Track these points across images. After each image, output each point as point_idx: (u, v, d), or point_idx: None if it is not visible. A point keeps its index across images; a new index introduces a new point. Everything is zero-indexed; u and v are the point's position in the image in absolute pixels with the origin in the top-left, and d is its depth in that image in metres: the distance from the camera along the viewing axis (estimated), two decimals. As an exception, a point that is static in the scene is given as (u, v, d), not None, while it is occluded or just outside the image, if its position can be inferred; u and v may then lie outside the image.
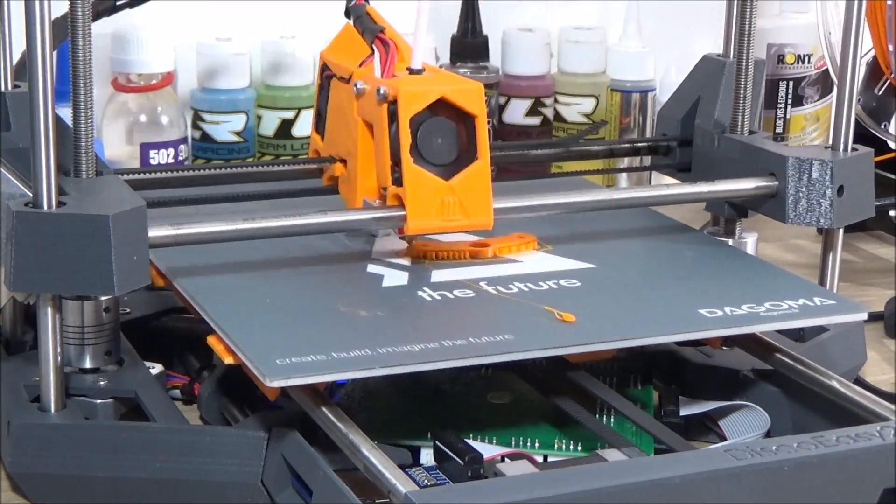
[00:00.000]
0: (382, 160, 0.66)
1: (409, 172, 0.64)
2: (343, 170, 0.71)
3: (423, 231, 0.66)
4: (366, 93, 0.67)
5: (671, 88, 0.82)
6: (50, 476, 0.59)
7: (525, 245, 0.70)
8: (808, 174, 0.70)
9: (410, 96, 0.64)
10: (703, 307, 0.62)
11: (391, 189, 0.65)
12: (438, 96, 0.65)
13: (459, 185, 0.65)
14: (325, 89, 0.73)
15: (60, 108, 0.60)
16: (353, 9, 0.70)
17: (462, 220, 0.66)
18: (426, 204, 0.65)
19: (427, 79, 0.66)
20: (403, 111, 0.64)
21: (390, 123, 0.65)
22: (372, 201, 0.68)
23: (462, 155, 0.66)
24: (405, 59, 0.68)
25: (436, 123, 0.65)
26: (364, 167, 0.68)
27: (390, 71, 0.67)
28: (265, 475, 0.58)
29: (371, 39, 0.68)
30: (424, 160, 0.65)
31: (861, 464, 0.54)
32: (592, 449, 0.60)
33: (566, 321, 0.61)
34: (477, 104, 0.65)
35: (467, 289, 0.65)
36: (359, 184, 0.69)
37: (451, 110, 0.65)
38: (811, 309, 0.63)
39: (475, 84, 0.66)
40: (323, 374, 0.55)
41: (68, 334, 0.64)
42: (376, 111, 0.66)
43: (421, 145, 0.65)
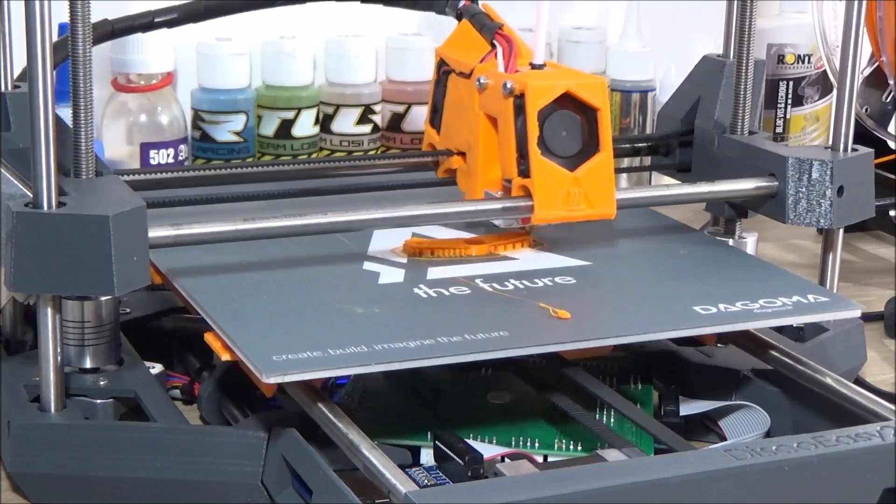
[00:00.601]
0: (507, 152, 0.67)
1: (536, 164, 0.66)
2: (461, 162, 0.72)
3: (550, 220, 0.67)
4: (489, 87, 0.68)
5: (671, 88, 0.82)
6: (50, 476, 0.59)
7: (521, 242, 0.70)
8: (808, 174, 0.70)
9: (538, 90, 0.66)
10: (697, 304, 0.63)
11: (517, 180, 0.67)
12: (564, 90, 0.66)
13: (584, 177, 0.67)
14: (441, 84, 0.74)
15: (60, 108, 0.60)
16: (467, 8, 0.72)
17: (587, 210, 0.67)
18: (553, 194, 0.66)
19: (551, 73, 0.68)
20: (531, 105, 0.66)
21: (516, 116, 0.66)
22: (494, 192, 0.69)
23: (585, 147, 0.67)
24: (523, 54, 0.69)
25: (561, 116, 0.67)
26: (486, 159, 0.70)
27: (513, 66, 0.68)
28: (265, 475, 0.58)
29: (491, 36, 0.70)
30: (550, 152, 0.66)
31: (861, 464, 0.54)
32: (592, 449, 0.60)
33: (561, 318, 0.61)
34: (600, 97, 0.67)
35: (463, 286, 0.65)
36: (480, 175, 0.70)
37: (575, 104, 0.67)
38: (805, 306, 0.63)
39: (598, 78, 0.68)
40: (319, 371, 0.55)
41: (68, 334, 0.64)
42: (502, 105, 0.67)
43: (547, 137, 0.66)
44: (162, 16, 0.79)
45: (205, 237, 0.62)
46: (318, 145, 1.00)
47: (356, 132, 1.00)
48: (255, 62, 0.99)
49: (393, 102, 1.02)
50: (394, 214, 0.65)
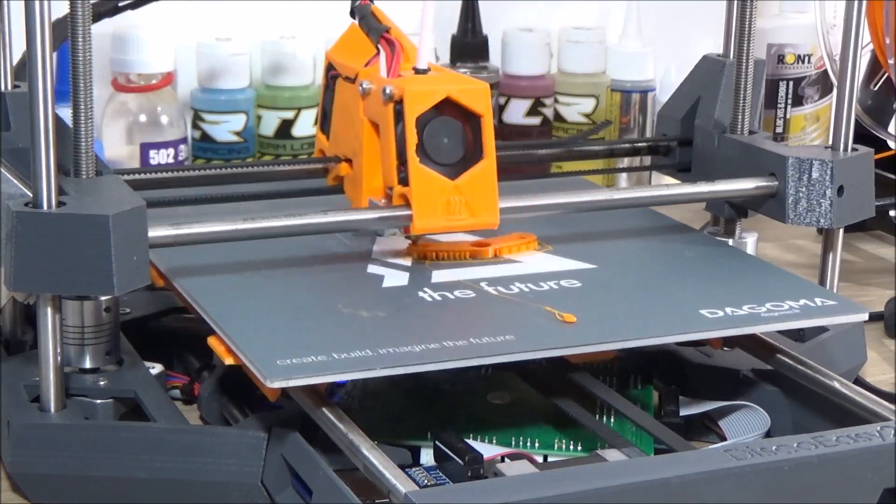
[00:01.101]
0: (388, 160, 0.66)
1: (415, 172, 0.65)
2: (348, 169, 0.71)
3: (428, 231, 0.66)
4: (371, 92, 0.67)
5: (671, 88, 0.82)
6: (50, 476, 0.59)
7: (525, 245, 0.70)
8: (808, 174, 0.70)
9: (416, 96, 0.65)
10: (703, 308, 0.62)
11: (397, 189, 0.66)
12: (444, 96, 0.65)
13: (465, 185, 0.65)
14: (330, 89, 0.73)
15: (60, 108, 0.60)
16: (359, 9, 0.70)
17: (468, 220, 0.66)
18: (432, 203, 0.65)
19: (433, 78, 0.67)
20: (409, 111, 0.64)
21: (396, 123, 0.65)
22: (378, 201, 0.68)
23: (468, 154, 0.66)
24: (410, 58, 0.68)
25: (442, 123, 0.65)
26: (370, 167, 0.69)
27: (396, 71, 0.67)
28: (265, 475, 0.58)
29: (377, 39, 0.68)
30: (430, 160, 0.65)
31: (861, 464, 0.54)
32: (592, 449, 0.60)
33: (567, 322, 0.61)
34: (483, 104, 0.66)
35: (468, 289, 0.65)
36: (364, 183, 0.69)
37: (457, 110, 0.66)
38: (812, 309, 0.63)
39: (481, 84, 0.66)
40: (323, 375, 0.55)
41: (68, 334, 0.64)
42: (382, 111, 0.66)
43: (427, 145, 0.65)
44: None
45: (205, 237, 0.62)
46: (318, 145, 1.00)
47: (356, 132, 1.00)
48: (255, 62, 0.99)
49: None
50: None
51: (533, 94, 1.04)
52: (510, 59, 1.04)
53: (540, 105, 1.04)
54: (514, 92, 1.04)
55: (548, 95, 1.05)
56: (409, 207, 0.65)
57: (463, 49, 1.03)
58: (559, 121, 1.05)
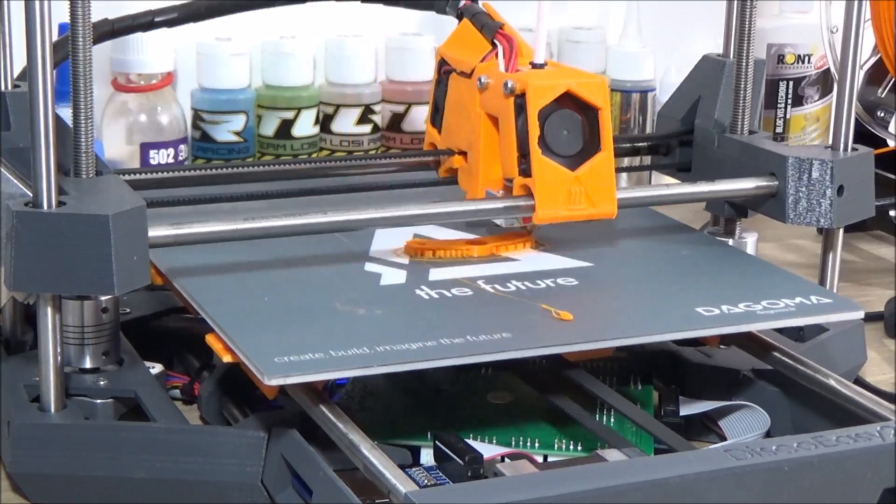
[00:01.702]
0: (509, 152, 0.67)
1: (537, 163, 0.66)
2: (462, 162, 0.72)
3: (551, 220, 0.67)
4: (490, 86, 0.68)
5: (671, 88, 0.82)
6: (50, 476, 0.59)
7: (523, 243, 0.70)
8: (808, 174, 0.70)
9: (539, 90, 0.66)
10: (700, 306, 0.62)
11: (518, 180, 0.67)
12: (565, 89, 0.66)
13: (585, 176, 0.67)
14: (442, 84, 0.74)
15: (60, 108, 0.60)
16: (468, 8, 0.72)
17: (588, 210, 0.67)
18: (554, 193, 0.66)
19: (552, 73, 0.68)
20: (532, 104, 0.66)
21: (517, 116, 0.66)
22: (495, 192, 0.69)
23: (587, 146, 0.67)
24: (524, 54, 0.69)
25: (562, 116, 0.67)
26: (487, 159, 0.70)
27: (514, 65, 0.68)
28: (265, 475, 0.58)
29: (492, 35, 0.70)
30: (551, 151, 0.66)
31: (861, 464, 0.54)
32: (592, 449, 0.60)
33: (564, 319, 0.61)
34: (601, 97, 0.67)
35: (465, 287, 0.65)
36: (482, 175, 0.70)
37: (576, 103, 0.67)
38: (808, 307, 0.63)
39: (599, 77, 0.68)
40: (321, 373, 0.55)
41: (68, 334, 0.64)
42: (503, 104, 0.67)
43: (548, 137, 0.66)
44: (162, 15, 0.79)
45: (205, 237, 0.62)
46: (318, 145, 1.00)
47: (356, 132, 1.00)
48: (255, 62, 0.99)
49: (393, 102, 1.02)
50: (395, 214, 0.65)
51: (533, 94, 1.04)
52: (510, 59, 1.04)
53: (540, 105, 1.04)
54: (514, 92, 1.04)
55: (548, 95, 1.05)
56: (531, 198, 0.66)
57: (463, 49, 1.03)
58: (559, 121, 1.05)
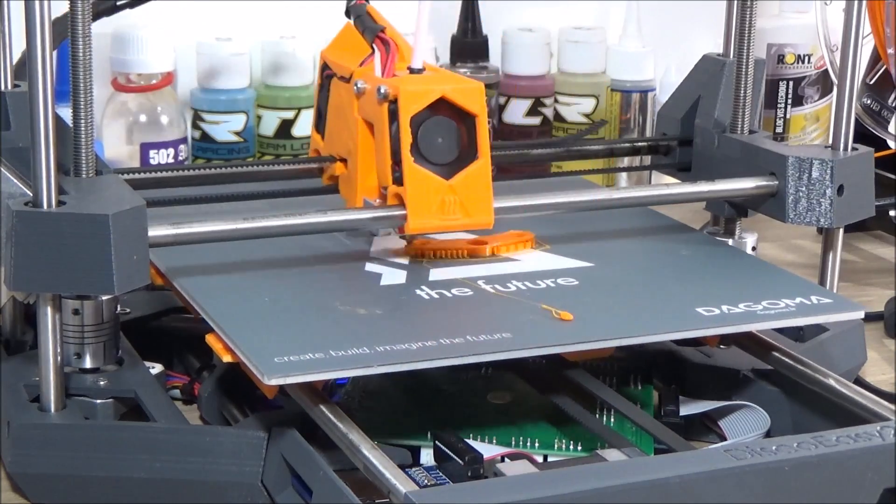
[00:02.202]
0: (383, 159, 0.66)
1: (409, 171, 0.65)
2: (343, 169, 0.71)
3: (423, 230, 0.66)
4: (366, 92, 0.67)
5: (671, 88, 0.82)
6: (50, 476, 0.59)
7: (523, 244, 0.70)
8: (808, 174, 0.70)
9: (411, 95, 0.65)
10: (700, 305, 0.62)
11: (391, 188, 0.66)
12: (439, 95, 0.65)
13: (460, 185, 0.65)
14: (325, 88, 0.73)
15: (60, 108, 0.60)
16: (354, 8, 0.70)
17: (462, 220, 0.66)
18: (426, 203, 0.65)
19: (427, 78, 0.67)
20: (404, 110, 0.64)
21: (391, 122, 0.65)
22: (372, 200, 0.68)
23: (463, 154, 0.66)
24: (406, 58, 0.68)
25: (436, 122, 0.65)
26: (364, 166, 0.69)
27: (391, 70, 0.67)
28: (265, 475, 0.58)
29: (371, 39, 0.68)
30: (425, 159, 0.65)
31: (861, 464, 0.54)
32: (592, 449, 0.60)
33: (564, 319, 0.61)
34: (477, 103, 0.66)
35: (465, 287, 0.65)
36: (359, 183, 0.69)
37: (452, 109, 0.65)
38: (808, 307, 0.63)
39: (475, 83, 0.66)
40: (321, 372, 0.55)
41: (68, 334, 0.64)
42: (377, 110, 0.66)
43: (421, 144, 0.65)
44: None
45: (205, 236, 0.62)
46: (318, 145, 1.00)
47: (356, 132, 1.00)
48: (255, 62, 0.99)
49: (393, 102, 1.02)
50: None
51: (533, 94, 1.04)
52: (510, 59, 1.04)
53: (540, 105, 1.04)
54: (514, 92, 1.04)
55: (548, 95, 1.05)
56: (403, 207, 0.65)
57: (463, 49, 1.03)
58: (559, 121, 1.05)
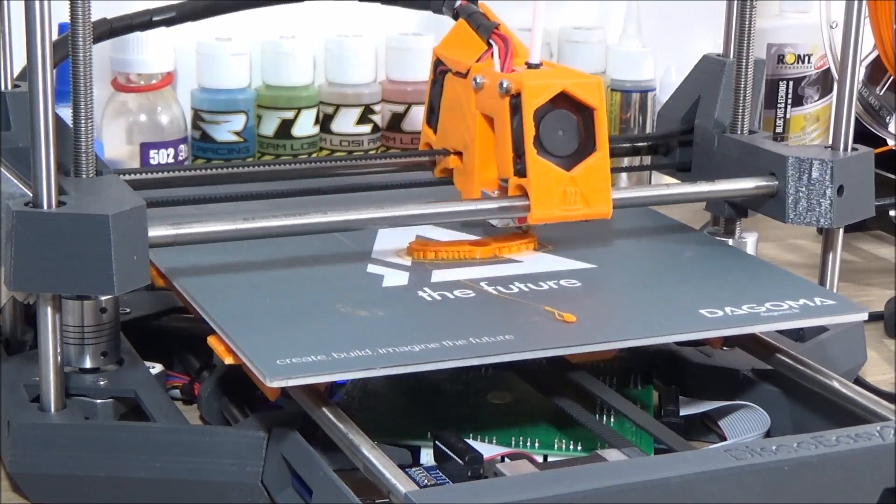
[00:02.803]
0: (504, 152, 0.67)
1: (532, 163, 0.66)
2: (458, 162, 0.72)
3: (546, 220, 0.67)
4: (485, 86, 0.68)
5: (671, 88, 0.82)
6: (50, 476, 0.59)
7: (525, 245, 0.70)
8: (808, 174, 0.70)
9: (534, 90, 0.66)
10: (703, 307, 0.62)
11: (513, 180, 0.67)
12: (560, 90, 0.66)
13: (580, 176, 0.66)
14: (438, 84, 0.74)
15: (60, 108, 0.60)
16: (463, 8, 0.72)
17: (583, 210, 0.67)
18: (549, 194, 0.66)
19: (548, 73, 0.68)
20: (527, 104, 0.66)
21: (512, 116, 0.66)
22: (490, 192, 0.69)
23: (582, 146, 0.67)
24: (519, 54, 0.69)
25: (557, 116, 0.67)
26: (482, 159, 0.70)
27: (509, 66, 0.68)
28: (265, 475, 0.58)
29: (488, 35, 0.69)
30: (546, 151, 0.66)
31: (861, 464, 0.54)
32: (592, 449, 0.60)
33: (567, 321, 0.61)
34: (596, 97, 0.67)
35: (468, 289, 0.65)
36: (477, 175, 0.70)
37: (571, 103, 0.67)
38: (812, 309, 0.63)
39: (595, 78, 0.68)
40: (323, 375, 0.55)
41: (68, 334, 0.64)
42: (498, 104, 0.67)
43: (543, 137, 0.66)
44: (160, 14, 0.79)
45: (205, 236, 0.62)
46: (318, 145, 1.00)
47: (356, 132, 1.00)
48: (255, 62, 0.99)
49: (393, 102, 1.02)
50: (391, 214, 0.65)
51: (533, 94, 1.04)
52: (510, 58, 1.04)
53: (540, 105, 1.04)
54: (514, 92, 1.04)
55: (548, 95, 1.05)
56: (526, 198, 0.66)
57: (463, 49, 1.03)
58: (559, 121, 1.05)
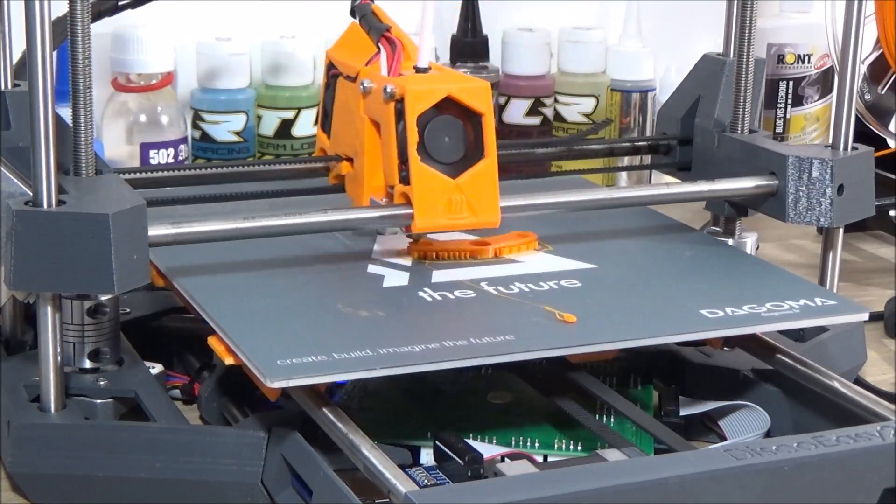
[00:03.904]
0: (389, 158, 0.66)
1: (416, 170, 0.65)
2: (349, 168, 0.71)
3: (430, 229, 0.66)
4: (372, 91, 0.67)
5: (671, 88, 0.82)
6: (50, 476, 0.59)
7: (526, 245, 0.70)
8: (808, 173, 0.70)
9: (417, 95, 0.65)
10: (704, 307, 0.62)
11: (398, 187, 0.66)
12: (445, 95, 0.65)
13: (467, 184, 0.65)
14: (331, 88, 0.73)
15: (60, 108, 0.60)
16: (359, 8, 0.70)
17: (469, 219, 0.66)
18: (433, 202, 0.65)
19: (434, 77, 0.67)
20: (410, 109, 0.65)
21: (397, 122, 0.65)
22: (379, 200, 0.68)
23: (469, 153, 0.66)
24: (411, 57, 0.68)
25: (443, 122, 0.65)
26: (371, 165, 0.69)
27: (397, 69, 0.67)
28: (265, 475, 0.58)
29: (377, 38, 0.68)
30: (431, 158, 0.65)
31: (861, 464, 0.54)
32: (592, 449, 0.60)
33: (567, 321, 0.61)
34: (484, 102, 0.66)
35: (468, 289, 0.65)
36: (366, 182, 0.69)
37: (458, 109, 0.66)
38: (812, 309, 0.63)
39: (482, 82, 0.66)
40: (324, 375, 0.55)
41: (68, 334, 0.64)
42: (383, 109, 0.66)
43: (428, 143, 0.65)
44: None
45: (205, 236, 0.62)
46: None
47: (356, 132, 1.00)
48: (255, 62, 0.99)
49: (393, 102, 1.02)
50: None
51: (533, 94, 1.04)
52: (510, 58, 1.04)
53: (540, 105, 1.04)
54: (514, 92, 1.04)
55: (548, 95, 1.05)
56: (410, 206, 0.65)
57: (463, 49, 1.03)
58: (559, 121, 1.05)
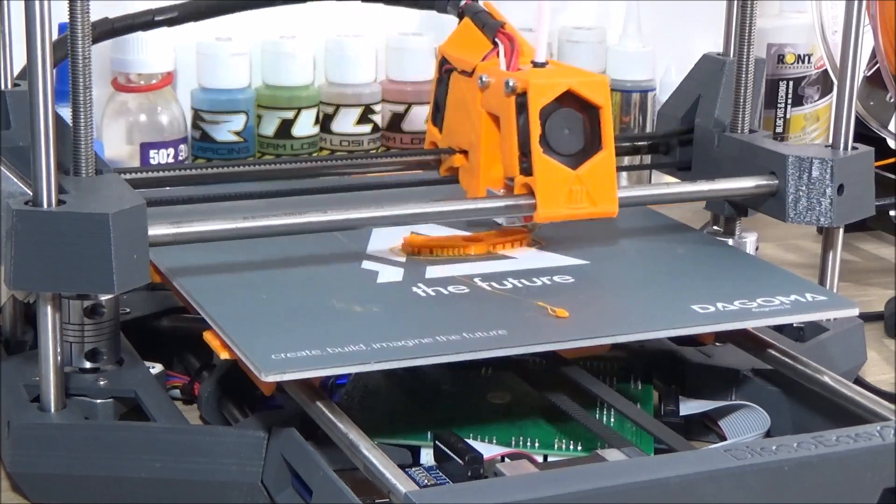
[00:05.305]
0: (510, 151, 0.67)
1: (538, 162, 0.66)
2: (463, 161, 0.72)
3: (552, 218, 0.67)
4: (491, 85, 0.68)
5: (671, 88, 0.82)
6: (50, 476, 0.59)
7: (519, 241, 0.70)
8: (808, 173, 0.70)
9: (540, 88, 0.66)
10: (695, 303, 0.63)
11: (519, 178, 0.67)
12: (566, 88, 0.66)
13: (587, 175, 0.67)
14: (444, 83, 0.74)
15: (60, 108, 0.60)
16: (468, 7, 0.72)
17: (589, 208, 0.67)
18: (555, 192, 0.66)
19: (553, 71, 0.68)
20: (533, 103, 0.66)
21: (518, 115, 0.66)
22: (496, 191, 0.69)
23: (588, 145, 0.67)
24: (525, 53, 0.69)
25: (563, 114, 0.67)
26: (488, 158, 0.70)
27: (515, 64, 0.68)
28: (265, 475, 0.58)
29: (493, 34, 0.70)
30: (552, 150, 0.66)
31: (861, 464, 0.54)
32: (592, 449, 0.60)
33: (559, 317, 0.61)
34: (602, 96, 0.67)
35: (461, 285, 0.65)
36: (482, 174, 0.70)
37: (577, 102, 0.67)
38: (803, 304, 0.63)
39: (601, 76, 0.68)
40: (318, 369, 0.55)
41: (68, 334, 0.64)
42: (504, 103, 0.67)
43: (549, 136, 0.66)
44: (162, 14, 0.79)
45: (205, 235, 0.62)
46: (318, 145, 1.00)
47: (356, 132, 1.00)
48: (255, 62, 0.99)
49: (393, 102, 1.02)
50: (395, 212, 0.65)
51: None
52: (510, 58, 1.04)
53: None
54: (514, 92, 1.04)
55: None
56: (532, 196, 0.66)
57: (463, 49, 1.03)
58: (559, 120, 1.05)
